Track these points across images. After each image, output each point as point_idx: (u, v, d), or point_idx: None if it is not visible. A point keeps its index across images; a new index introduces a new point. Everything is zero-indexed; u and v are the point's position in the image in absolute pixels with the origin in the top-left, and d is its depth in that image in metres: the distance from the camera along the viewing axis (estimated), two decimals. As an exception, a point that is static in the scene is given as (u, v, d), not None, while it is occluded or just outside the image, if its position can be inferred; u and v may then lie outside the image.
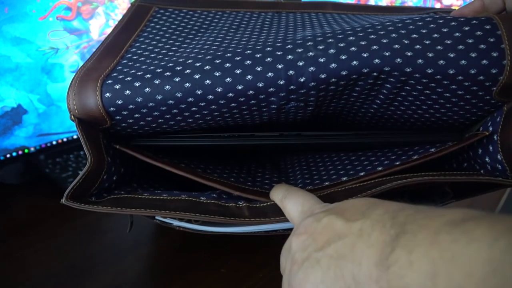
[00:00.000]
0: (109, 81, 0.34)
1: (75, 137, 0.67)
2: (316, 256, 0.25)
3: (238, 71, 0.34)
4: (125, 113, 0.34)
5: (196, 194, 0.35)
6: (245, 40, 0.40)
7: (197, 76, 0.34)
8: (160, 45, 0.40)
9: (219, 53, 0.36)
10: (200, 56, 0.36)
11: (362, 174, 0.37)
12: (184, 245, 0.48)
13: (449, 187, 0.40)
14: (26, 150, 0.61)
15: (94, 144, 0.34)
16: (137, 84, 0.33)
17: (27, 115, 0.60)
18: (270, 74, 0.34)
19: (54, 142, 0.65)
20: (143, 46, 0.40)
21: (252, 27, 0.45)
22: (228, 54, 0.35)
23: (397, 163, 0.37)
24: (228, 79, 0.34)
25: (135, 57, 0.38)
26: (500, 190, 0.52)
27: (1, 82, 0.56)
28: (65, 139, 0.66)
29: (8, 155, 0.60)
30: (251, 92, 0.34)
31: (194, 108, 0.35)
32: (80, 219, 0.53)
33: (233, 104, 0.35)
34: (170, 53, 0.38)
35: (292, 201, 0.32)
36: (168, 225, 0.39)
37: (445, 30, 0.34)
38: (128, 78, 0.34)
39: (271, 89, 0.34)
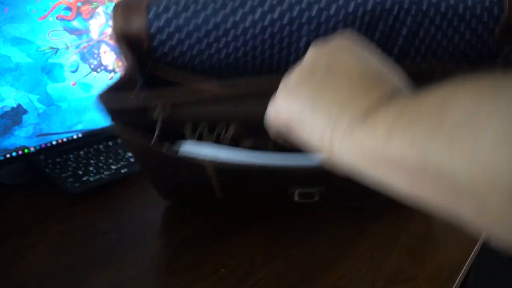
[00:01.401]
0: (154, 6, 0.40)
1: (75, 137, 0.67)
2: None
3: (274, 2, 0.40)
4: (163, 37, 0.40)
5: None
6: None
7: (236, 4, 0.40)
8: None
9: None
10: None
11: None
12: (184, 245, 0.48)
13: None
14: (26, 150, 0.61)
15: (131, 59, 0.40)
16: (179, 9, 0.40)
17: (27, 115, 0.60)
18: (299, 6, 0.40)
19: (54, 142, 0.65)
20: None
21: None
22: None
23: None
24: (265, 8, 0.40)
25: None
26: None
27: (1, 82, 0.57)
28: (65, 139, 0.66)
29: (8, 155, 0.60)
30: (285, 21, 0.40)
31: (232, 31, 0.40)
32: (80, 219, 0.53)
33: (269, 29, 0.40)
34: None
35: None
36: (199, 161, 0.38)
37: None
38: (171, 4, 0.40)
39: (303, 20, 0.40)
